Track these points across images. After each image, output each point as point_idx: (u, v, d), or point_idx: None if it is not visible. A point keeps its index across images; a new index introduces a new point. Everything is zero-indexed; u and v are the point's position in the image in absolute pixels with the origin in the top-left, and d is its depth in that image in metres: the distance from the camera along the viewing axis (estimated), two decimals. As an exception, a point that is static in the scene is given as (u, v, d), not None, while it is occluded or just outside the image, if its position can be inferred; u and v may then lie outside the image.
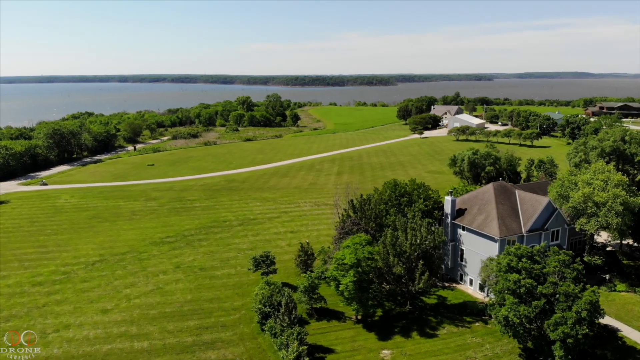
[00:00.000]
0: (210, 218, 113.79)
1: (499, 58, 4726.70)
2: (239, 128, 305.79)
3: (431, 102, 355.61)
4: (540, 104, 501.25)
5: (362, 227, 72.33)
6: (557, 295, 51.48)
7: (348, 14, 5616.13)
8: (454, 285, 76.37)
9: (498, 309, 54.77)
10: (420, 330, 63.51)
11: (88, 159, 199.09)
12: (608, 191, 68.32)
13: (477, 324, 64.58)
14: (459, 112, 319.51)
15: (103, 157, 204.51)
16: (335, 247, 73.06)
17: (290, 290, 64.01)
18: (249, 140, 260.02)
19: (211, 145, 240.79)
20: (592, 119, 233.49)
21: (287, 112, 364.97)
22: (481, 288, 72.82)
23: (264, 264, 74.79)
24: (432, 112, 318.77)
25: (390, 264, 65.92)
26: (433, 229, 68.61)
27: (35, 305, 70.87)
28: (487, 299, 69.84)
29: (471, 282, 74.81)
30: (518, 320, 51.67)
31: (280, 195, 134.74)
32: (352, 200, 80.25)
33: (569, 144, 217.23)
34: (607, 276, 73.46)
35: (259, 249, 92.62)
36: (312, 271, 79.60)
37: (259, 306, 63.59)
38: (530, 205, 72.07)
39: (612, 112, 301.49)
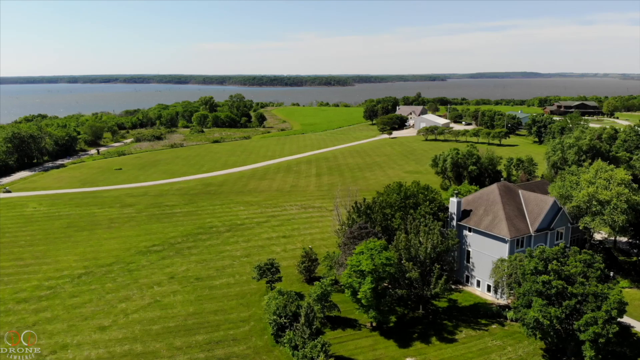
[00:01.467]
0: (195, 224, 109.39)
1: (451, 59, 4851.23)
2: (204, 129, 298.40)
3: (396, 102, 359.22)
4: (497, 103, 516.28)
5: (371, 232, 70.68)
6: (587, 296, 51.44)
7: (303, 14, 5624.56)
8: (460, 287, 75.98)
9: (525, 311, 54.35)
10: (438, 335, 62.54)
11: (50, 164, 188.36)
12: (611, 189, 69.63)
13: (493, 326, 64.23)
14: (423, 112, 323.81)
15: (65, 161, 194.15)
16: (343, 253, 71.02)
17: (311, 300, 61.48)
18: (216, 142, 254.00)
19: (178, 148, 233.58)
20: (556, 118, 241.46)
21: (252, 113, 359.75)
22: (489, 289, 72.72)
23: (269, 272, 71.93)
24: (398, 112, 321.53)
25: (404, 269, 64.58)
26: (448, 231, 67.74)
27: (24, 324, 65.25)
28: (501, 301, 69.79)
29: (478, 283, 74.59)
30: (548, 322, 51.33)
31: (264, 198, 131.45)
32: (357, 204, 78.42)
33: (535, 142, 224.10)
34: (612, 273, 74.90)
35: (254, 256, 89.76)
36: (312, 277, 77.81)
37: (273, 317, 60.81)
38: (536, 205, 72.53)
39: (570, 110, 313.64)
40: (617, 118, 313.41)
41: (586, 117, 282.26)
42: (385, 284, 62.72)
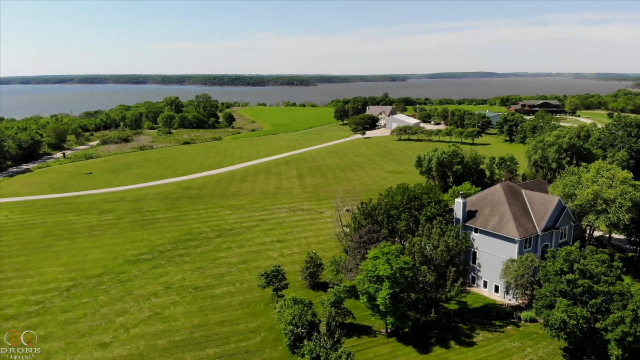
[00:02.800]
0: (182, 230, 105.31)
1: (411, 59, 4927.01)
2: (172, 130, 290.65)
3: (366, 102, 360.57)
4: (460, 102, 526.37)
5: (381, 235, 69.30)
6: (612, 295, 51.60)
7: (262, 14, 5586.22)
8: (467, 288, 75.46)
9: (548, 312, 54.11)
10: (456, 338, 61.73)
11: (14, 169, 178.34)
12: (615, 188, 70.80)
13: (508, 327, 63.97)
14: (393, 112, 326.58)
15: (31, 166, 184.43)
16: (352, 258, 69.26)
17: (332, 309, 59.36)
18: (187, 143, 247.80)
19: (148, 150, 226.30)
20: (526, 117, 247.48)
21: (220, 113, 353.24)
22: (496, 290, 72.64)
23: (276, 279, 69.37)
24: (368, 112, 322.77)
25: (420, 273, 63.45)
26: (461, 234, 67.05)
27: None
28: (510, 301, 69.74)
29: (485, 284, 74.36)
30: (575, 322, 51.20)
31: (249, 201, 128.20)
32: (363, 205, 76.82)
33: (506, 141, 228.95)
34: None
35: (251, 262, 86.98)
36: (317, 282, 75.82)
37: (290, 327, 58.41)
38: (541, 205, 72.92)
39: (534, 109, 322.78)
40: (579, 116, 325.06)
41: (550, 116, 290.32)
42: (398, 289, 61.33)
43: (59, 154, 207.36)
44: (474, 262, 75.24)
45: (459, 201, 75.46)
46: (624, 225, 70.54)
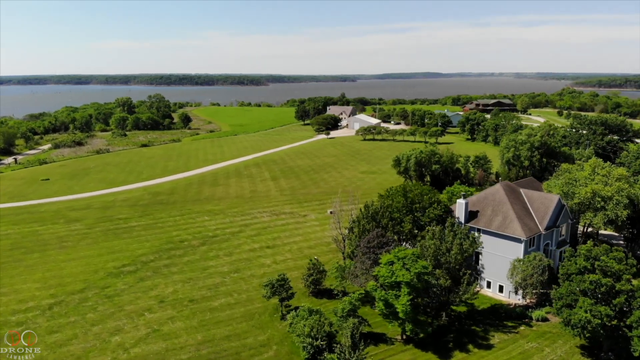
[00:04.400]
0: (161, 239, 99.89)
1: (360, 60, 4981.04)
2: (126, 133, 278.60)
3: (326, 102, 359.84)
4: (412, 102, 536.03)
5: (390, 240, 67.71)
6: (634, 292, 52.22)
7: (211, 12, 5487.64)
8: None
9: (569, 312, 54.15)
10: (473, 342, 61.02)
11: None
12: (611, 185, 72.48)
13: (521, 327, 63.94)
14: (353, 112, 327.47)
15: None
16: (361, 263, 67.19)
17: (355, 320, 56.97)
18: (145, 145, 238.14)
19: (105, 154, 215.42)
20: (487, 116, 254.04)
21: (175, 114, 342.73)
22: (501, 290, 72.77)
23: (282, 288, 66.30)
24: (329, 112, 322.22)
25: (434, 276, 62.26)
26: (473, 235, 66.40)
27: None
28: (517, 301, 69.90)
29: (489, 284, 74.33)
30: (599, 321, 51.43)
31: (227, 206, 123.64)
32: (367, 208, 74.92)
33: (468, 139, 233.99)
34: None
35: (244, 271, 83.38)
36: (319, 289, 73.45)
37: (308, 340, 55.64)
38: (541, 204, 73.67)
39: (488, 108, 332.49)
40: (530, 114, 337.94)
41: (511, 115, 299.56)
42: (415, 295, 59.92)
43: (9, 160, 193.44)
44: (477, 263, 74.98)
45: (460, 202, 75.07)
46: (622, 222, 72.40)
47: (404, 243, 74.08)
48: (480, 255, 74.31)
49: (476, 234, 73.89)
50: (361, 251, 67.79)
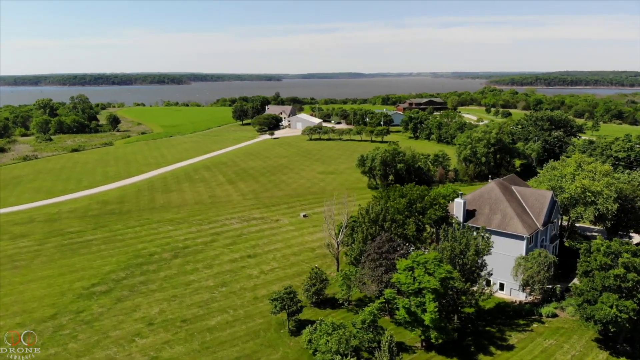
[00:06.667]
0: (127, 253, 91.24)
1: (285, 59, 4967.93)
2: (52, 137, 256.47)
3: (264, 102, 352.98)
4: (343, 102, 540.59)
5: (401, 244, 65.39)
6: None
7: (125, 9, 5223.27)
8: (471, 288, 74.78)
9: (592, 308, 54.65)
10: (493, 343, 60.28)
11: None
12: (599, 180, 75.02)
13: (534, 325, 64.16)
14: (293, 112, 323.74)
15: None
16: (372, 270, 64.24)
17: (391, 334, 53.74)
18: (75, 150, 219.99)
19: (33, 160, 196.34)
20: (430, 115, 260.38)
21: (102, 115, 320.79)
22: (502, 287, 72.99)
23: (291, 301, 61.87)
24: (268, 112, 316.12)
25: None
26: (486, 236, 65.57)
27: None
28: (523, 298, 70.28)
29: (488, 283, 74.14)
30: (627, 316, 52.23)
31: (188, 214, 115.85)
32: (368, 211, 72.00)
33: (410, 137, 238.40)
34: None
35: (232, 284, 77.84)
36: (322, 299, 69.87)
37: (338, 357, 51.93)
38: (536, 200, 74.74)
39: (422, 107, 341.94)
40: (460, 112, 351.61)
41: (454, 113, 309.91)
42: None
43: None
44: (476, 262, 74.71)
45: (459, 201, 74.49)
46: (611, 215, 75.23)
47: (410, 246, 72.15)
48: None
49: (475, 233, 73.74)
50: (370, 257, 64.90)
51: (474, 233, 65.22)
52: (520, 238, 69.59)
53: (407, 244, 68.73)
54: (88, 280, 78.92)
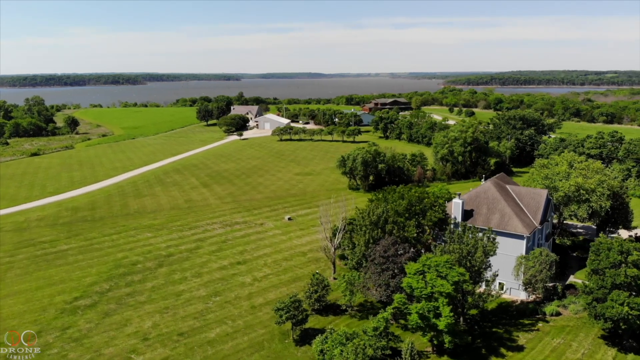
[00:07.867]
0: (107, 263, 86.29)
1: (243, 59, 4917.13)
2: (8, 141, 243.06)
3: (230, 102, 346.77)
4: (307, 102, 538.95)
5: (406, 247, 64.07)
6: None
7: (72, 8, 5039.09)
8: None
9: (602, 306, 54.96)
10: (502, 344, 59.83)
11: None
12: (592, 178, 76.19)
13: (540, 324, 64.18)
14: (259, 112, 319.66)
15: None
16: (376, 275, 62.70)
17: (411, 341, 52.08)
18: (35, 154, 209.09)
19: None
20: (400, 114, 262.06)
21: (58, 117, 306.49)
22: (501, 287, 72.92)
23: (298, 311, 59.48)
24: (233, 112, 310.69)
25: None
26: (492, 237, 65.07)
27: None
28: (523, 298, 70.37)
29: (487, 283, 74.02)
30: (637, 313, 52.70)
31: (166, 220, 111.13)
32: (369, 214, 70.32)
33: (381, 137, 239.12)
34: (575, 254, 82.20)
35: (226, 293, 74.66)
36: (324, 306, 67.83)
37: (357, 368, 49.97)
38: (532, 199, 75.16)
39: (387, 107, 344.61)
40: (424, 112, 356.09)
41: (423, 112, 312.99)
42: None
43: None
44: (475, 262, 74.41)
45: (457, 201, 74.01)
46: (605, 212, 76.57)
47: (411, 248, 71.02)
48: (478, 255, 73.76)
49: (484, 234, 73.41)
50: (375, 261, 63.33)
51: (480, 234, 64.67)
52: (520, 237, 69.70)
53: (409, 247, 67.57)
54: (69, 294, 73.87)
